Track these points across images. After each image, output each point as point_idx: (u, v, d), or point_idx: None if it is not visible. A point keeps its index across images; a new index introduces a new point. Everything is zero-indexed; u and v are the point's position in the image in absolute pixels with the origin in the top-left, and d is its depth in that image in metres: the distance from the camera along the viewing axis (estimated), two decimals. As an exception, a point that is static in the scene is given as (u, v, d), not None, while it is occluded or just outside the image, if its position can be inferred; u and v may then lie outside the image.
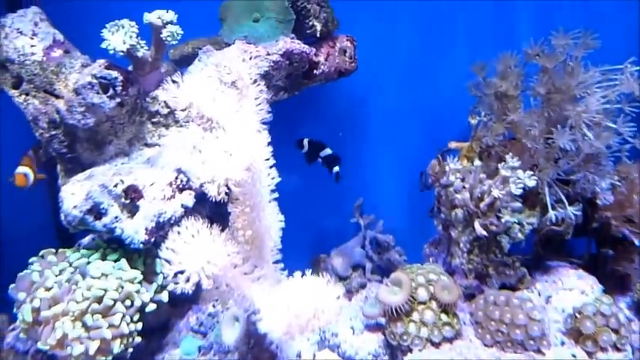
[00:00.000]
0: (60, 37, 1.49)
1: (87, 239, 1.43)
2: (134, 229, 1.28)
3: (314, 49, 1.57)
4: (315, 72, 1.60)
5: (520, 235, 1.39)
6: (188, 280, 0.93)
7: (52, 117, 1.43)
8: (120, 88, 1.38)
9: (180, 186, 1.37)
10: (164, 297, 1.32)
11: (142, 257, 1.34)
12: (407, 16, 1.78)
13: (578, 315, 1.29)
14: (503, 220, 1.37)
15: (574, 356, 1.26)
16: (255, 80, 1.11)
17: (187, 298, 1.06)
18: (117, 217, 1.28)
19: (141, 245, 1.28)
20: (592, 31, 1.38)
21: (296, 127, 1.70)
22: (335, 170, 1.59)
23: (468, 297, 1.45)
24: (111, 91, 1.37)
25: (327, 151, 1.60)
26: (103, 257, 1.31)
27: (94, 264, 1.28)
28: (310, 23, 1.58)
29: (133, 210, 1.31)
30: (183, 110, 1.05)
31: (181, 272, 0.94)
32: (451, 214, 1.47)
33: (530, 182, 1.35)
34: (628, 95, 1.35)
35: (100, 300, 1.20)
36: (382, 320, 1.35)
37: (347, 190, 1.83)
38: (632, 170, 1.44)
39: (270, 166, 1.08)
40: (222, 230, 1.01)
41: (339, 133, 1.81)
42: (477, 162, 1.44)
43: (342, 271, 1.69)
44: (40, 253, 1.33)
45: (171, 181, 1.36)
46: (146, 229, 1.29)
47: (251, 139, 1.01)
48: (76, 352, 1.14)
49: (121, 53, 1.38)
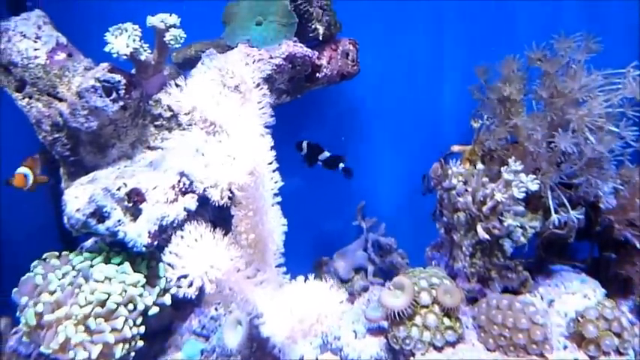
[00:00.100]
0: (63, 40, 1.49)
1: (89, 242, 1.43)
2: (137, 233, 1.29)
3: (316, 53, 1.58)
4: (317, 75, 1.60)
5: (522, 238, 1.39)
6: (191, 284, 0.93)
7: (55, 120, 1.43)
8: (123, 91, 1.38)
9: (183, 189, 1.37)
10: (167, 300, 1.32)
11: (145, 260, 1.35)
12: (409, 19, 1.78)
13: (580, 319, 1.29)
14: (505, 223, 1.37)
15: (576, 360, 1.26)
16: (259, 84, 1.11)
17: (190, 301, 1.06)
18: (120, 221, 1.28)
19: (144, 248, 1.29)
20: (594, 35, 1.38)
21: (298, 130, 1.70)
22: (341, 167, 1.59)
23: (470, 300, 1.45)
24: (114, 95, 1.38)
25: (326, 154, 1.60)
26: (106, 260, 1.31)
27: (98, 267, 1.28)
28: (313, 26, 1.58)
29: (135, 213, 1.31)
30: (187, 114, 1.06)
31: (184, 276, 0.94)
32: (453, 217, 1.47)
33: (533, 186, 1.35)
34: (631, 99, 1.35)
35: (103, 304, 1.20)
36: (385, 324, 1.35)
37: (349, 192, 1.83)
38: (634, 174, 1.44)
39: (273, 170, 1.08)
40: (225, 234, 1.01)
41: (342, 137, 1.81)
42: (480, 165, 1.44)
43: (344, 274, 1.69)
44: (43, 256, 1.33)
45: (173, 184, 1.36)
46: (149, 233, 1.29)
47: (254, 143, 1.01)
48: (79, 357, 1.14)
49: (124, 57, 1.38)
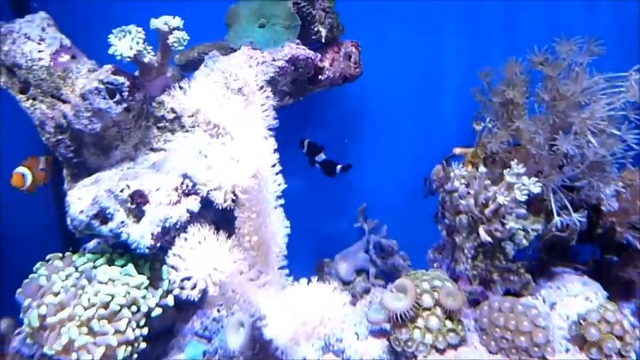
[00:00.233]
0: (67, 42, 1.50)
1: (92, 243, 1.44)
2: (140, 234, 1.29)
3: (319, 55, 1.58)
4: (320, 77, 1.60)
5: (525, 241, 1.39)
6: (195, 286, 0.94)
7: (58, 122, 1.43)
8: (126, 93, 1.39)
9: (186, 191, 1.37)
10: (170, 301, 1.33)
11: (148, 262, 1.35)
12: (411, 22, 1.78)
13: (582, 322, 1.29)
14: (507, 226, 1.37)
15: (578, 363, 1.26)
16: (262, 86, 1.11)
17: (192, 302, 1.07)
18: (123, 222, 1.29)
19: (147, 250, 1.29)
20: (596, 38, 1.39)
21: (301, 132, 1.70)
22: (338, 168, 1.59)
23: (472, 303, 1.45)
24: (118, 97, 1.38)
25: (322, 156, 1.60)
26: (109, 262, 1.31)
27: (102, 269, 1.28)
28: (315, 29, 1.59)
29: (138, 215, 1.31)
30: (191, 116, 1.06)
31: (188, 279, 0.94)
32: (455, 219, 1.47)
33: (535, 189, 1.35)
34: (633, 102, 1.35)
35: (106, 305, 1.20)
36: (387, 326, 1.36)
37: (351, 194, 1.83)
38: (636, 177, 1.45)
39: (276, 173, 1.09)
40: (227, 236, 1.02)
41: (345, 139, 1.81)
42: (482, 168, 1.45)
43: (345, 276, 1.69)
44: (46, 257, 1.33)
45: (176, 186, 1.36)
46: (152, 234, 1.29)
47: (258, 146, 1.01)
48: (82, 359, 1.14)
49: (128, 59, 1.38)
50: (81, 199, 1.30)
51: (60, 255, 1.34)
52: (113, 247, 1.36)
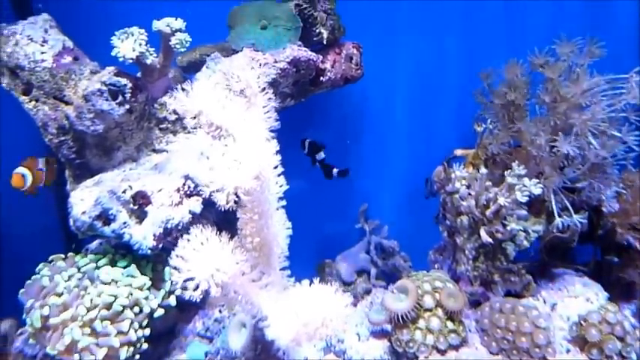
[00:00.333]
0: (70, 43, 1.50)
1: (94, 244, 1.44)
2: (142, 235, 1.29)
3: (320, 56, 1.59)
4: (321, 79, 1.61)
5: (526, 242, 1.40)
6: (197, 287, 0.94)
7: (61, 123, 1.44)
8: (129, 94, 1.39)
9: (188, 192, 1.38)
10: (172, 301, 1.33)
11: (151, 263, 1.35)
12: (413, 23, 1.79)
13: (583, 323, 1.29)
14: (508, 227, 1.37)
15: (579, 364, 1.26)
16: (264, 88, 1.12)
17: (194, 303, 1.07)
18: (125, 223, 1.29)
19: (149, 251, 1.29)
20: (597, 39, 1.39)
21: (302, 133, 1.70)
22: (335, 172, 1.59)
23: (473, 304, 1.46)
24: (120, 98, 1.39)
25: (322, 154, 1.60)
26: (112, 263, 1.32)
27: (104, 269, 1.29)
28: (317, 30, 1.59)
29: (141, 216, 1.32)
30: (193, 118, 1.07)
31: (190, 279, 0.94)
32: (456, 220, 1.48)
33: (536, 190, 1.35)
34: (634, 104, 1.36)
35: (109, 306, 1.21)
36: (388, 327, 1.36)
37: (352, 195, 1.84)
38: (636, 178, 1.45)
39: (278, 174, 1.09)
40: (230, 237, 1.02)
41: (347, 140, 1.82)
42: (483, 169, 1.45)
43: (346, 277, 1.69)
44: (49, 258, 1.34)
45: (178, 187, 1.37)
46: (154, 235, 1.30)
47: (260, 148, 1.02)
48: (84, 359, 1.15)
49: (130, 60, 1.39)
50: (83, 200, 1.31)
51: (62, 256, 1.34)
52: (115, 248, 1.36)
